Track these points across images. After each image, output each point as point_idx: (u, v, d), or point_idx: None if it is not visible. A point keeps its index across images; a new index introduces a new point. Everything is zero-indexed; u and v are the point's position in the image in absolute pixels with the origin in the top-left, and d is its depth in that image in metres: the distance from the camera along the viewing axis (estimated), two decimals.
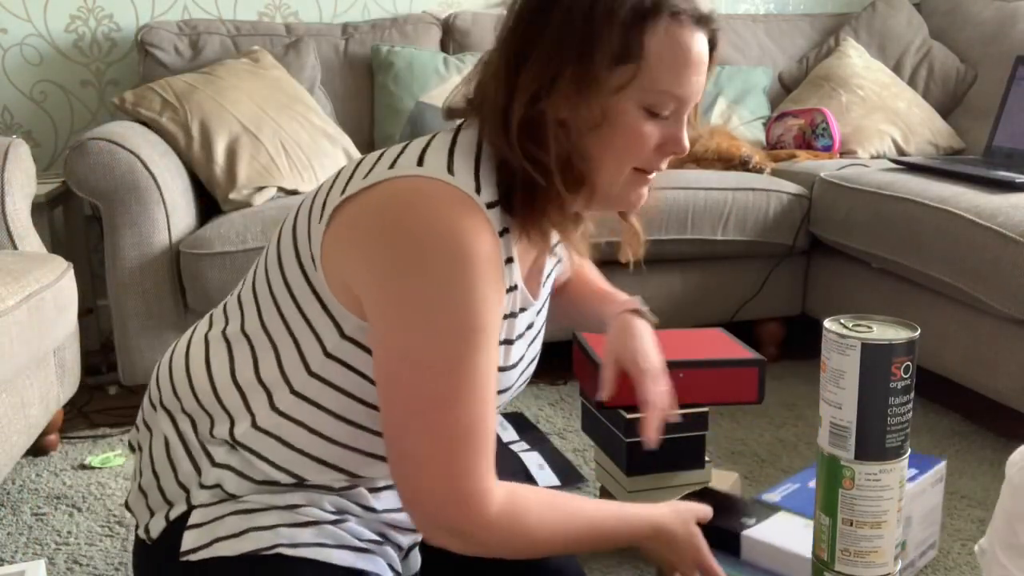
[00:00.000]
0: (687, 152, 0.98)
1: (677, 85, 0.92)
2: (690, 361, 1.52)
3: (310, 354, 0.94)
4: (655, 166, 0.98)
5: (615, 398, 1.52)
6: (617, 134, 0.93)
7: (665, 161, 0.99)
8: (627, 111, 0.92)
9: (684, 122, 0.96)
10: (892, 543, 0.89)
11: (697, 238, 2.44)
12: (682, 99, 0.94)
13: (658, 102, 0.92)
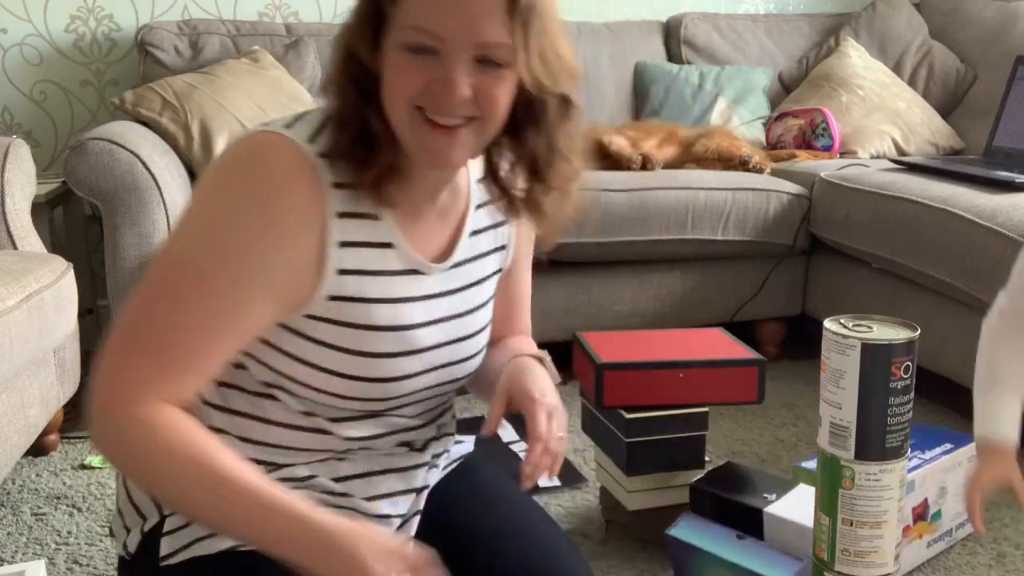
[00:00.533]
0: (462, 97, 0.89)
1: (424, 17, 0.87)
2: (690, 361, 1.52)
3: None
4: (439, 109, 0.89)
5: (615, 398, 1.52)
6: (389, 73, 0.91)
7: (457, 106, 0.90)
8: (394, 49, 0.90)
9: (458, 65, 0.88)
10: (892, 543, 0.89)
11: (697, 238, 2.44)
12: (438, 35, 0.87)
13: (411, 38, 0.88)
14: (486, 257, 1.10)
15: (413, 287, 1.00)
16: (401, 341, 0.99)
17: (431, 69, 0.89)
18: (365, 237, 0.96)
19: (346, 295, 0.96)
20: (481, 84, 0.90)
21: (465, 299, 1.07)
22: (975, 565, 1.58)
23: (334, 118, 0.94)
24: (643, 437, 1.50)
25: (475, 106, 0.91)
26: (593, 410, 1.63)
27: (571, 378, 2.39)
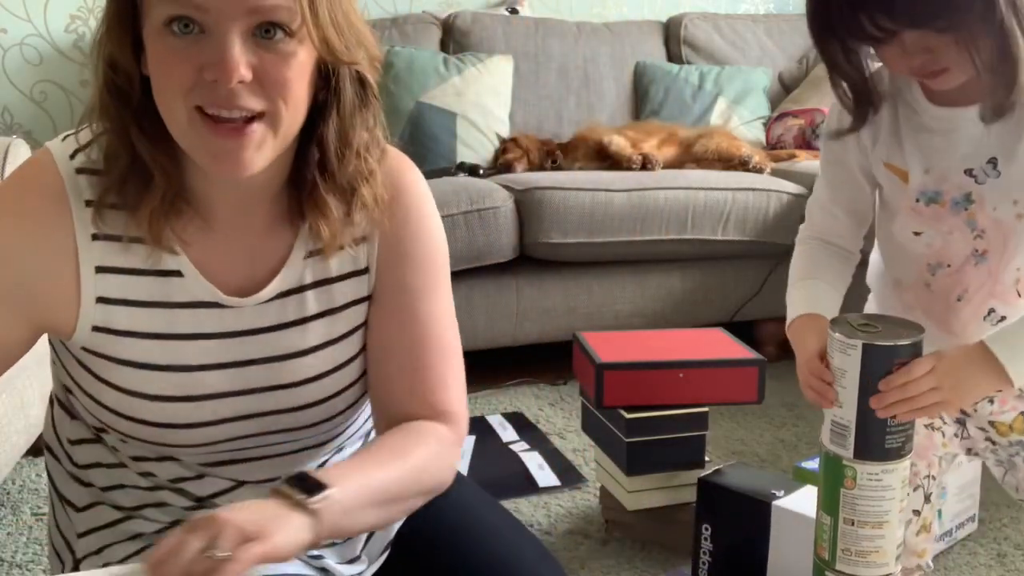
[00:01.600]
0: (240, 77, 0.74)
1: None
2: (690, 361, 1.52)
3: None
4: (219, 102, 0.75)
5: (615, 398, 1.52)
6: (154, 69, 0.77)
7: (239, 96, 0.75)
8: (154, 38, 0.76)
9: (230, 38, 0.74)
10: (894, 543, 0.89)
11: (697, 238, 2.44)
12: (195, 4, 0.73)
13: (168, 11, 0.74)
14: (334, 284, 0.91)
15: (207, 323, 0.86)
16: (185, 383, 0.87)
17: (200, 51, 0.74)
18: (137, 263, 0.84)
19: (110, 327, 0.85)
20: (264, 64, 0.76)
21: (284, 340, 0.89)
22: (975, 565, 1.58)
23: (104, 144, 0.82)
24: (643, 437, 1.50)
25: (263, 95, 0.76)
26: (593, 410, 1.63)
27: (571, 378, 2.40)
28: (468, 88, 2.79)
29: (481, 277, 2.35)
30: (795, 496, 1.31)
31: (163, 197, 0.82)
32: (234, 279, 0.87)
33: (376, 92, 0.86)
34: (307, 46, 0.78)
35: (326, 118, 0.83)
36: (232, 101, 0.75)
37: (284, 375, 0.89)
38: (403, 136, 2.74)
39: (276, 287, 0.88)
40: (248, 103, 0.76)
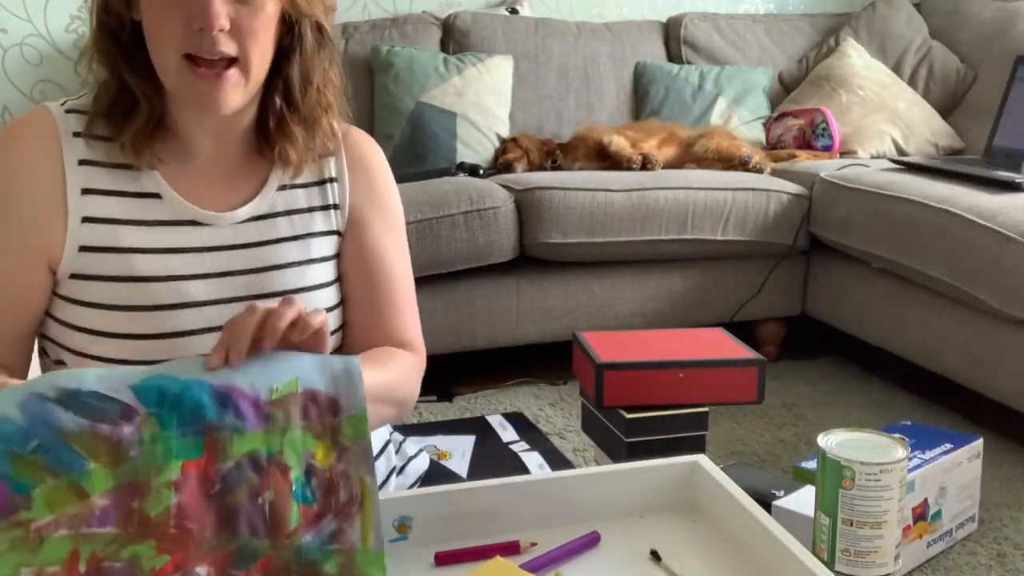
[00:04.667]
0: (220, 26, 0.90)
1: None
2: (690, 361, 1.52)
3: None
4: (203, 49, 0.91)
5: (615, 398, 1.52)
6: (148, 21, 0.93)
7: (222, 38, 0.91)
8: None
9: None
10: (892, 543, 0.89)
11: (697, 238, 2.44)
12: None
13: None
14: (304, 214, 1.05)
15: (187, 238, 0.99)
16: (171, 292, 0.97)
17: (188, 5, 0.90)
18: (120, 186, 0.97)
19: (97, 245, 0.96)
20: (239, 16, 0.91)
21: (261, 255, 1.02)
22: (975, 565, 1.58)
23: (94, 87, 0.98)
24: (643, 437, 1.50)
25: (237, 43, 0.92)
26: (593, 410, 1.63)
27: (571, 378, 2.40)
28: (468, 88, 2.79)
29: (481, 277, 2.35)
30: (795, 496, 1.31)
31: (146, 121, 0.96)
32: (211, 204, 1.00)
33: (331, 36, 1.02)
34: (274, 1, 0.94)
35: (290, 60, 0.99)
36: (213, 46, 0.90)
37: (264, 285, 1.01)
38: (403, 136, 2.74)
39: (250, 211, 1.02)
40: (226, 48, 0.91)
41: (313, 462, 0.77)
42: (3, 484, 0.71)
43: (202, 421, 0.76)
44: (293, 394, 0.78)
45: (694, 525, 0.92)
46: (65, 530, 0.72)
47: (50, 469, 0.72)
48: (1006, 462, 1.97)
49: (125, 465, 0.74)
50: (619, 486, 0.93)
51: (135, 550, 0.72)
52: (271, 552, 0.74)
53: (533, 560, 0.82)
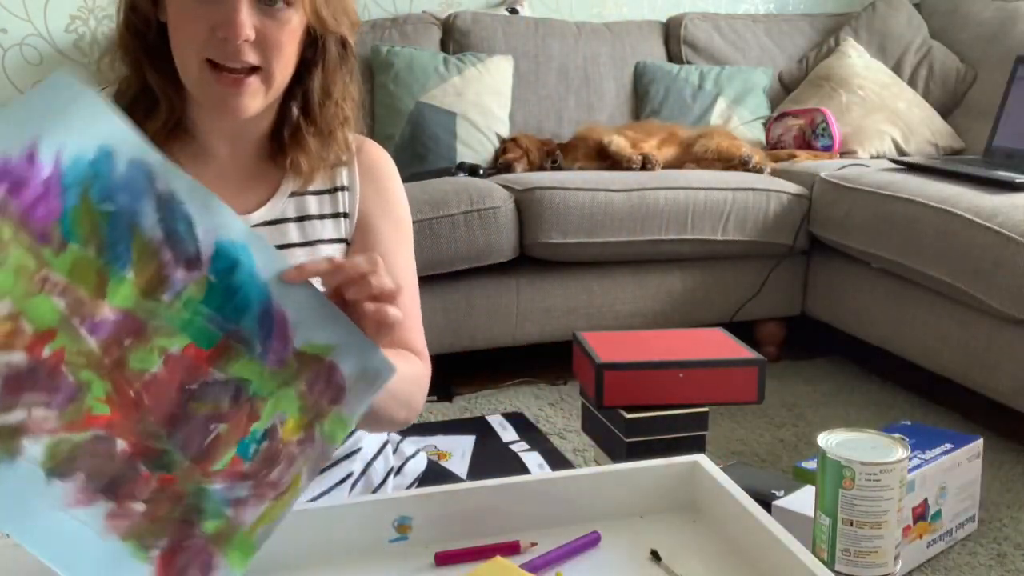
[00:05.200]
0: (245, 36, 0.91)
1: None
2: (690, 361, 1.52)
3: None
4: (226, 56, 0.92)
5: (615, 398, 1.52)
6: (173, 24, 0.94)
7: (243, 51, 0.92)
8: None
9: (240, 6, 0.90)
10: (892, 543, 0.89)
11: (697, 238, 2.44)
12: None
13: None
14: (314, 221, 1.07)
15: None
16: None
17: (214, 12, 0.91)
18: None
19: None
20: (265, 28, 0.92)
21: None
22: (975, 565, 1.58)
23: (117, 82, 1.00)
24: (643, 437, 1.50)
25: (260, 54, 0.93)
26: (593, 410, 1.63)
27: (571, 378, 2.40)
28: (468, 88, 2.79)
29: (481, 277, 2.35)
30: (795, 496, 1.31)
31: (165, 122, 0.97)
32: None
33: (355, 51, 1.03)
34: (300, 14, 0.95)
35: (312, 72, 1.01)
36: (237, 55, 0.92)
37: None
38: (403, 136, 2.74)
39: (262, 215, 1.04)
40: (249, 58, 0.92)
41: (279, 427, 0.74)
42: (57, 210, 0.68)
43: (233, 322, 0.73)
44: (319, 359, 0.76)
45: (694, 525, 0.92)
46: (62, 304, 0.68)
47: (99, 240, 0.70)
48: (1006, 462, 1.97)
49: (151, 303, 0.71)
50: (619, 486, 0.93)
51: (92, 380, 0.69)
52: (181, 475, 0.71)
53: (533, 560, 0.82)
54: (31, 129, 0.68)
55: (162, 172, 0.72)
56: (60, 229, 0.69)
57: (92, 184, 0.70)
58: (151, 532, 0.70)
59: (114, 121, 0.72)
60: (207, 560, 0.71)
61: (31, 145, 0.68)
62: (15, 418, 0.66)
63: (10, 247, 0.67)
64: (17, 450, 0.66)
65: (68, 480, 0.67)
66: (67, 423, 0.68)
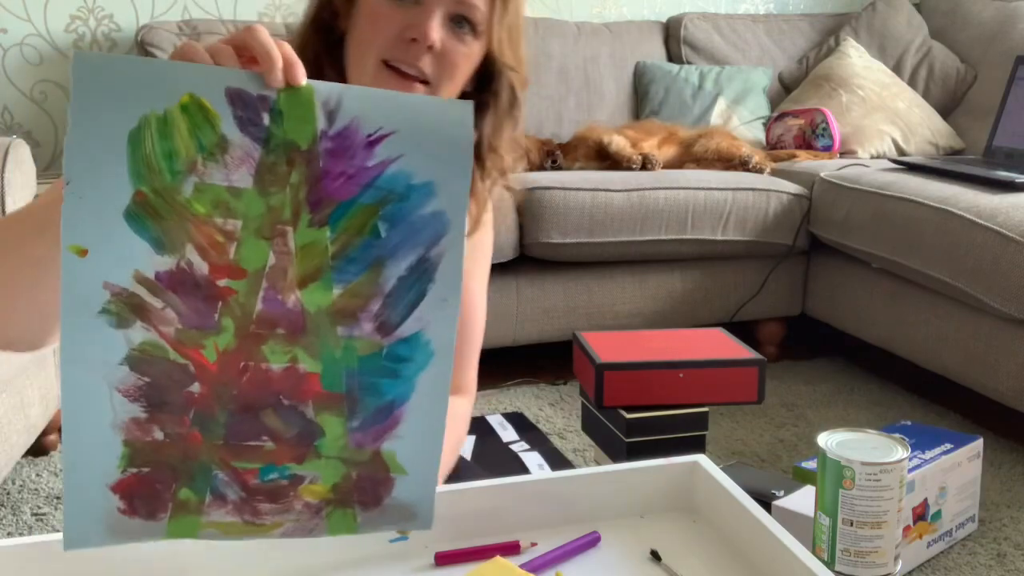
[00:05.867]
0: (432, 41, 0.94)
1: None
2: (690, 361, 1.52)
3: None
4: (406, 59, 0.95)
5: (615, 398, 1.52)
6: (361, 20, 0.97)
7: (424, 57, 0.95)
8: None
9: (434, 14, 0.94)
10: (892, 543, 0.89)
11: (697, 238, 2.44)
12: None
13: None
14: None
15: None
16: None
17: (408, 17, 0.94)
18: None
19: None
20: (447, 45, 0.96)
21: None
22: (975, 565, 1.58)
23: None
24: (643, 437, 1.50)
25: (435, 67, 0.96)
26: (593, 410, 1.63)
27: (571, 378, 2.40)
28: None
29: None
30: (795, 496, 1.31)
31: None
32: None
33: (521, 104, 1.06)
34: (481, 46, 0.99)
35: (484, 114, 1.03)
36: (416, 59, 0.95)
37: None
38: None
39: None
40: (425, 66, 0.95)
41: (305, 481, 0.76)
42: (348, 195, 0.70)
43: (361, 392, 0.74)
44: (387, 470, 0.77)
45: (694, 525, 0.92)
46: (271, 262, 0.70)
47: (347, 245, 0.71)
48: (1006, 462, 1.97)
49: (327, 323, 0.72)
50: (619, 486, 0.93)
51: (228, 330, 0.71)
52: (206, 446, 0.72)
53: (533, 560, 0.82)
54: (395, 122, 0.69)
55: (448, 246, 0.73)
56: (332, 209, 0.70)
57: (393, 200, 0.71)
58: (145, 457, 0.71)
59: (463, 169, 0.71)
60: (155, 507, 0.73)
61: (383, 134, 0.70)
62: (151, 302, 0.68)
63: (287, 188, 0.69)
64: (126, 324, 0.68)
65: (134, 372, 0.69)
66: (178, 340, 0.70)
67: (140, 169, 0.67)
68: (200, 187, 0.68)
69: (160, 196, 0.67)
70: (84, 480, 0.71)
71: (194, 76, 0.67)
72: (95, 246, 0.67)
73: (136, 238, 0.67)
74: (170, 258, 0.68)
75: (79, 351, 0.68)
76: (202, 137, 0.67)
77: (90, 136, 0.65)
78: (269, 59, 0.67)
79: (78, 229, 0.66)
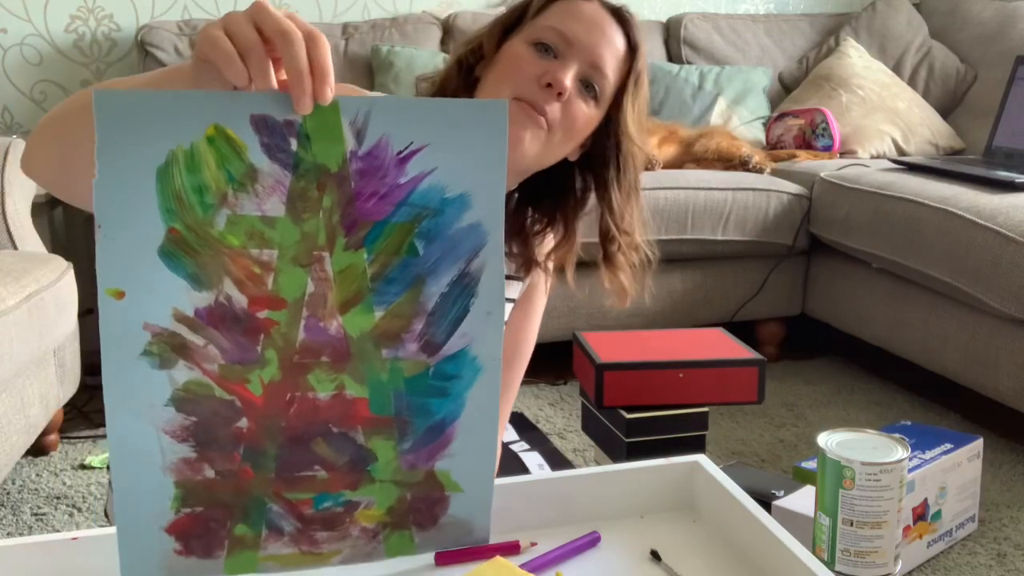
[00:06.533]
0: (564, 88, 1.03)
1: (561, 22, 1.06)
2: (690, 361, 1.52)
3: None
4: (536, 100, 1.04)
5: (615, 398, 1.52)
6: (503, 62, 1.08)
7: (552, 103, 1.04)
8: (520, 44, 1.07)
9: (571, 68, 1.05)
10: (892, 543, 0.89)
11: (697, 238, 2.44)
12: (567, 38, 1.06)
13: (542, 35, 1.06)
14: (510, 280, 1.21)
15: None
16: None
17: (546, 66, 1.05)
18: None
19: None
20: (574, 99, 1.06)
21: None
22: (975, 565, 1.58)
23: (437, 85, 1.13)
24: (643, 437, 1.50)
25: (561, 115, 1.05)
26: (593, 410, 1.63)
27: (571, 378, 2.40)
28: None
29: None
30: (795, 496, 1.31)
31: None
32: None
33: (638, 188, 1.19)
34: (600, 113, 1.10)
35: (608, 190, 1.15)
36: (546, 103, 1.04)
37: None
38: None
39: None
40: (552, 111, 1.05)
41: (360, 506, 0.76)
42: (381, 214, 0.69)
43: (411, 413, 0.74)
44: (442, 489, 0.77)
45: (694, 525, 0.92)
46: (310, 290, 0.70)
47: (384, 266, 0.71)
48: (1006, 462, 1.97)
49: (371, 347, 0.72)
50: (619, 486, 0.93)
51: (272, 362, 0.70)
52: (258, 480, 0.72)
53: (533, 560, 0.82)
54: (427, 133, 0.68)
55: (487, 257, 0.72)
56: (367, 231, 0.69)
57: (428, 216, 0.70)
58: (197, 496, 0.71)
59: (499, 175, 0.70)
60: (212, 546, 0.72)
61: (414, 149, 0.68)
62: (192, 340, 0.68)
63: (319, 212, 0.68)
64: (169, 364, 0.68)
65: (180, 413, 0.69)
66: (222, 376, 0.69)
67: (171, 205, 0.66)
68: (233, 219, 0.67)
69: (193, 231, 0.66)
70: (138, 524, 0.70)
71: (218, 105, 0.65)
72: (132, 287, 0.66)
73: (172, 276, 0.66)
74: (208, 294, 0.67)
75: (124, 395, 0.67)
76: (231, 168, 0.66)
77: (118, 176, 0.64)
78: (300, 85, 0.65)
79: (114, 271, 0.65)
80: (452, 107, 0.70)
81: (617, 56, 1.08)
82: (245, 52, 0.66)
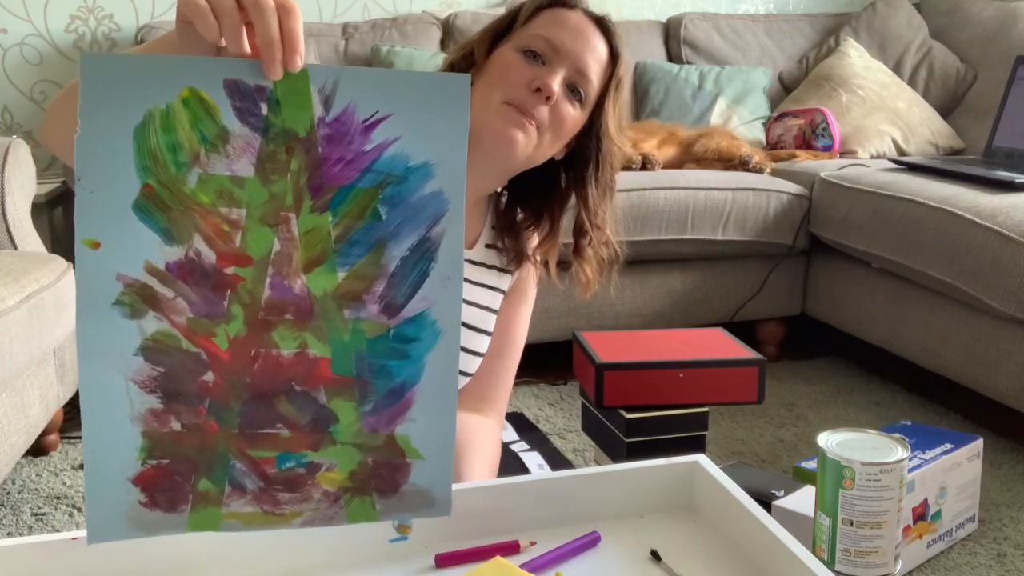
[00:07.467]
0: (553, 93, 1.09)
1: (548, 31, 1.12)
2: (690, 361, 1.52)
3: None
4: (526, 104, 1.10)
5: (615, 398, 1.52)
6: (493, 68, 1.13)
7: (540, 106, 1.10)
8: (509, 51, 1.13)
9: (558, 74, 1.11)
10: (892, 543, 0.89)
11: (697, 238, 2.44)
12: (554, 46, 1.11)
13: (531, 43, 1.12)
14: (496, 271, 1.26)
15: None
16: None
17: (534, 71, 1.10)
18: None
19: None
20: (561, 102, 1.12)
21: (467, 290, 1.17)
22: (975, 565, 1.58)
23: None
24: (643, 437, 1.50)
25: (549, 118, 1.11)
26: (593, 410, 1.63)
27: (571, 378, 2.40)
28: None
29: None
30: (795, 496, 1.31)
31: None
32: None
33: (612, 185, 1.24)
34: (585, 115, 1.16)
35: (586, 186, 1.21)
36: (534, 107, 1.10)
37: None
38: None
39: (470, 255, 1.22)
40: (541, 114, 1.11)
41: (322, 468, 0.77)
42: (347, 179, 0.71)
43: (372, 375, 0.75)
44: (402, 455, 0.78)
45: (694, 525, 0.92)
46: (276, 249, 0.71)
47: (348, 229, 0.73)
48: (1006, 462, 1.97)
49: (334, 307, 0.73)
50: (619, 486, 0.93)
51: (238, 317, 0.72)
52: (222, 435, 0.74)
53: (533, 560, 0.82)
54: (392, 103, 0.71)
55: (448, 224, 0.74)
56: (333, 195, 0.72)
57: (392, 183, 0.72)
58: (163, 448, 0.73)
59: (460, 146, 0.73)
60: (176, 500, 0.74)
61: (379, 118, 0.71)
62: (162, 292, 0.71)
63: (287, 175, 0.70)
64: (139, 314, 0.71)
65: (149, 363, 0.71)
66: (190, 329, 0.72)
67: (146, 163, 0.68)
68: (204, 178, 0.69)
69: (166, 188, 0.69)
70: (105, 473, 0.72)
71: (193, 69, 0.68)
72: (107, 239, 0.70)
73: (146, 230, 0.70)
74: (179, 248, 0.70)
75: (95, 344, 0.70)
76: (204, 129, 0.69)
77: (98, 133, 0.67)
78: (270, 51, 0.68)
79: (91, 223, 0.70)
80: (417, 79, 0.72)
81: (600, 63, 1.15)
82: (219, 13, 0.69)
